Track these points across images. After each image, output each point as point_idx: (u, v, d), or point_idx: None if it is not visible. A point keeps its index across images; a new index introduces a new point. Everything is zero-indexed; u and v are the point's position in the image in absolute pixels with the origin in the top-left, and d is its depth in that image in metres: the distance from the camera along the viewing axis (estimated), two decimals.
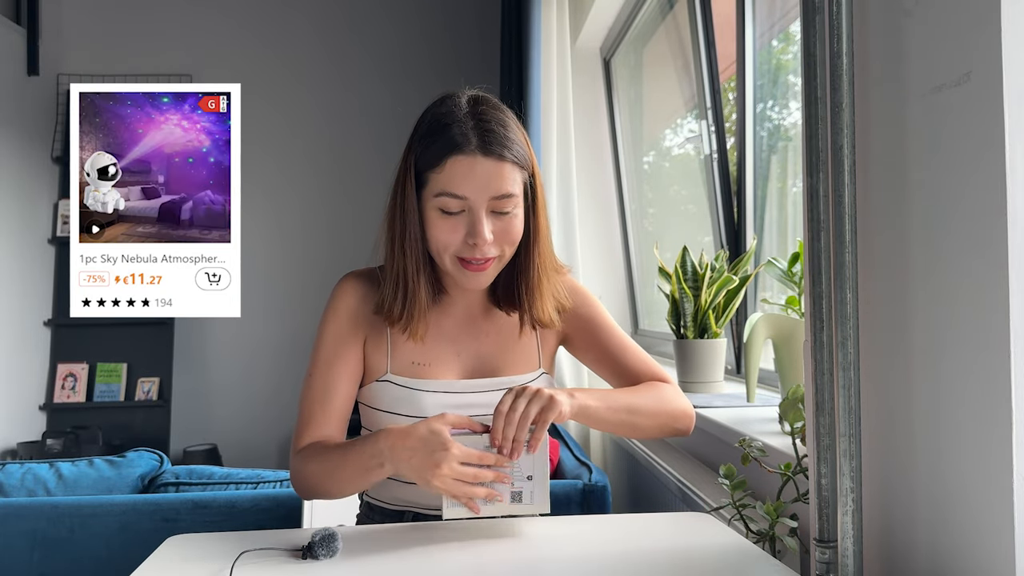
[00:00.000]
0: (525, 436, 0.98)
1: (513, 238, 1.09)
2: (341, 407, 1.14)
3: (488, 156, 1.04)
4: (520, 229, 1.10)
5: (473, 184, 1.04)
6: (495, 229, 1.06)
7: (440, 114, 1.08)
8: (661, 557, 0.94)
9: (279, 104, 4.18)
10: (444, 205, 1.06)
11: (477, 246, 1.06)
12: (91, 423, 3.92)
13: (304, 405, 1.13)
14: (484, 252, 1.07)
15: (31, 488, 1.70)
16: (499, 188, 1.05)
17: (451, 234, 1.07)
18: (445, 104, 1.10)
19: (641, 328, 3.00)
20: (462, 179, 1.04)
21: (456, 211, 1.06)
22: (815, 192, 0.83)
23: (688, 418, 1.17)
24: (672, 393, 1.17)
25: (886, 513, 0.83)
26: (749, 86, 1.97)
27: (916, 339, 0.78)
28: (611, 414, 1.09)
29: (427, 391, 1.13)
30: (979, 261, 0.69)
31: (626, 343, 1.23)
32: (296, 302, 4.14)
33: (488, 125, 1.06)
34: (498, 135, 1.06)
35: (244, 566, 0.89)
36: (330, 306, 1.17)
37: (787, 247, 1.84)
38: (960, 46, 0.71)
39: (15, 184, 3.89)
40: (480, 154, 1.04)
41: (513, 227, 1.09)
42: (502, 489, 0.98)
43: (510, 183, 1.06)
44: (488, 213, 1.06)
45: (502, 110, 1.11)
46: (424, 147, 1.08)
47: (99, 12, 4.22)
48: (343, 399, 1.14)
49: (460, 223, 1.06)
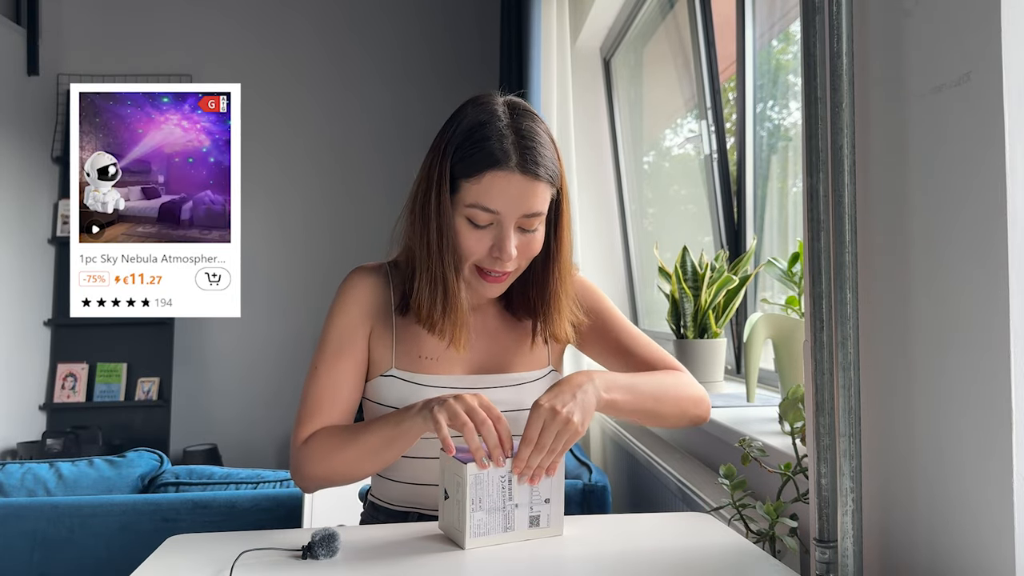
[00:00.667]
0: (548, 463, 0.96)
1: (532, 252, 1.10)
2: (348, 400, 1.13)
3: (525, 175, 1.04)
4: (540, 244, 1.11)
5: (507, 201, 1.05)
6: (518, 244, 1.07)
7: (479, 123, 1.07)
8: (661, 557, 0.94)
9: (279, 104, 4.18)
10: (474, 217, 1.06)
11: (501, 260, 1.07)
12: (91, 423, 3.92)
13: (309, 397, 1.12)
14: (506, 267, 1.08)
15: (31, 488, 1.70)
16: (531, 207, 1.06)
17: (477, 244, 1.07)
18: (483, 110, 1.08)
19: (641, 328, 3.00)
20: (498, 195, 1.04)
21: (485, 224, 1.06)
22: (815, 192, 0.83)
23: (706, 404, 1.17)
24: (689, 380, 1.17)
25: (886, 513, 0.83)
26: (749, 86, 1.97)
27: (916, 339, 0.78)
28: (638, 404, 1.08)
29: (433, 387, 1.13)
30: (979, 261, 0.69)
31: (636, 334, 1.23)
32: (296, 302, 4.14)
33: (528, 143, 1.05)
34: (537, 153, 1.05)
35: (244, 566, 0.89)
36: (338, 299, 1.17)
37: (787, 247, 1.84)
38: (960, 46, 0.71)
39: (15, 184, 3.89)
40: (519, 172, 1.04)
41: (535, 242, 1.10)
42: (520, 515, 0.97)
43: (541, 202, 1.07)
44: (515, 229, 1.07)
45: (538, 122, 1.10)
46: (462, 155, 1.06)
47: (99, 12, 4.22)
48: (350, 392, 1.14)
49: (487, 235, 1.07)
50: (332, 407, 1.12)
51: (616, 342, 1.22)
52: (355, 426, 1.09)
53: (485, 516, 0.95)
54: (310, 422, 1.10)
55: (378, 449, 1.04)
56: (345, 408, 1.13)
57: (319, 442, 1.08)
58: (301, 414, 1.12)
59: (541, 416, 0.96)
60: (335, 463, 1.06)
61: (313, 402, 1.12)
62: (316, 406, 1.11)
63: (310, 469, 1.08)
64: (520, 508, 0.97)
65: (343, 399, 1.13)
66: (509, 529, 0.96)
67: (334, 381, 1.12)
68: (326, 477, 1.08)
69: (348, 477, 1.10)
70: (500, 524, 0.96)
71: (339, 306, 1.16)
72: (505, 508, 0.96)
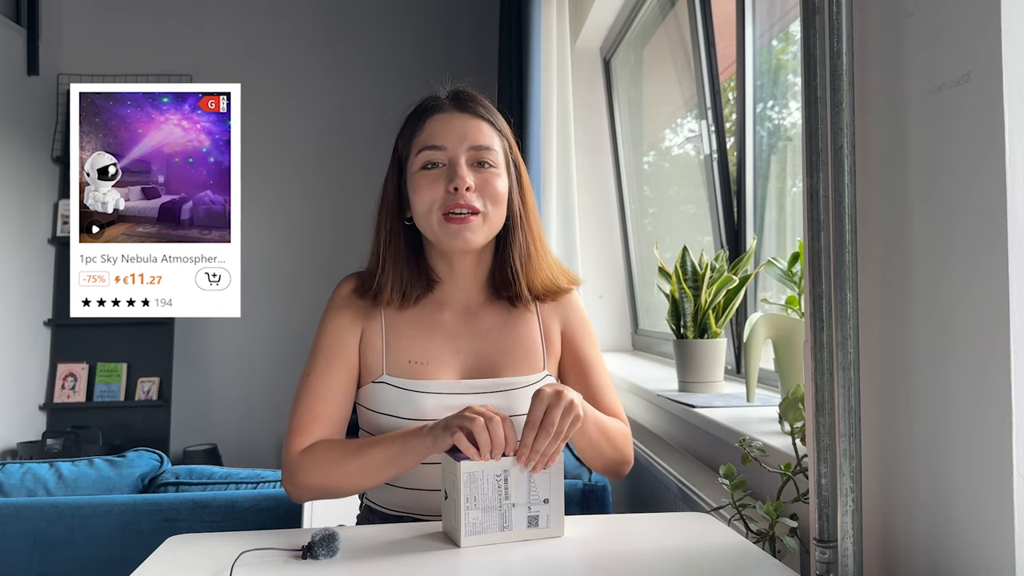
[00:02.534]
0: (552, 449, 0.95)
1: (495, 194, 1.12)
2: (342, 407, 1.13)
3: (464, 112, 1.14)
4: (504, 190, 1.14)
5: (451, 135, 1.12)
6: (476, 181, 1.11)
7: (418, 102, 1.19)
8: (661, 557, 0.94)
9: (279, 104, 4.18)
10: (425, 158, 1.12)
11: (458, 190, 1.09)
12: (91, 423, 3.92)
13: (303, 405, 1.12)
14: (467, 199, 1.10)
15: (31, 488, 1.70)
16: (476, 139, 1.12)
17: (432, 188, 1.11)
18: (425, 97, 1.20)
19: (641, 328, 3.00)
20: (440, 132, 1.12)
21: (438, 163, 1.11)
22: (815, 192, 0.83)
23: (629, 465, 1.20)
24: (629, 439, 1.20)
25: (886, 513, 0.83)
26: (749, 86, 1.97)
27: (916, 339, 0.78)
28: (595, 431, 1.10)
29: (426, 392, 1.11)
30: (979, 261, 0.69)
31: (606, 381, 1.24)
32: (296, 302, 4.14)
33: (462, 93, 1.17)
34: (473, 98, 1.16)
35: (244, 566, 0.89)
36: (329, 306, 1.18)
37: (787, 247, 1.84)
38: (960, 46, 0.71)
39: (15, 184, 3.89)
40: (456, 110, 1.14)
41: (496, 183, 1.12)
42: (518, 515, 0.97)
43: (487, 137, 1.13)
44: (469, 165, 1.11)
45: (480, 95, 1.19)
46: (404, 129, 1.17)
47: (99, 12, 4.22)
48: (344, 398, 1.14)
49: (441, 176, 1.11)
50: (327, 415, 1.11)
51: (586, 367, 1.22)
52: (357, 441, 1.09)
53: (481, 515, 0.95)
54: (307, 431, 1.10)
55: (381, 466, 1.04)
56: (339, 416, 1.13)
57: (319, 454, 1.07)
58: (295, 423, 1.11)
59: (544, 399, 0.96)
60: (334, 476, 1.06)
61: (307, 410, 1.11)
62: (310, 414, 1.11)
63: (306, 480, 1.07)
64: (518, 508, 0.97)
65: (337, 406, 1.13)
66: (507, 528, 0.96)
67: (328, 388, 1.12)
68: (321, 488, 1.08)
69: (344, 491, 1.10)
70: (497, 523, 0.96)
71: (329, 314, 1.17)
72: (502, 507, 0.96)
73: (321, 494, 1.09)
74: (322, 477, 1.06)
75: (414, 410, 1.11)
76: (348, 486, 1.08)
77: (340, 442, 1.09)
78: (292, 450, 1.09)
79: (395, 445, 1.03)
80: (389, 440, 1.04)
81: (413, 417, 1.10)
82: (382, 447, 1.04)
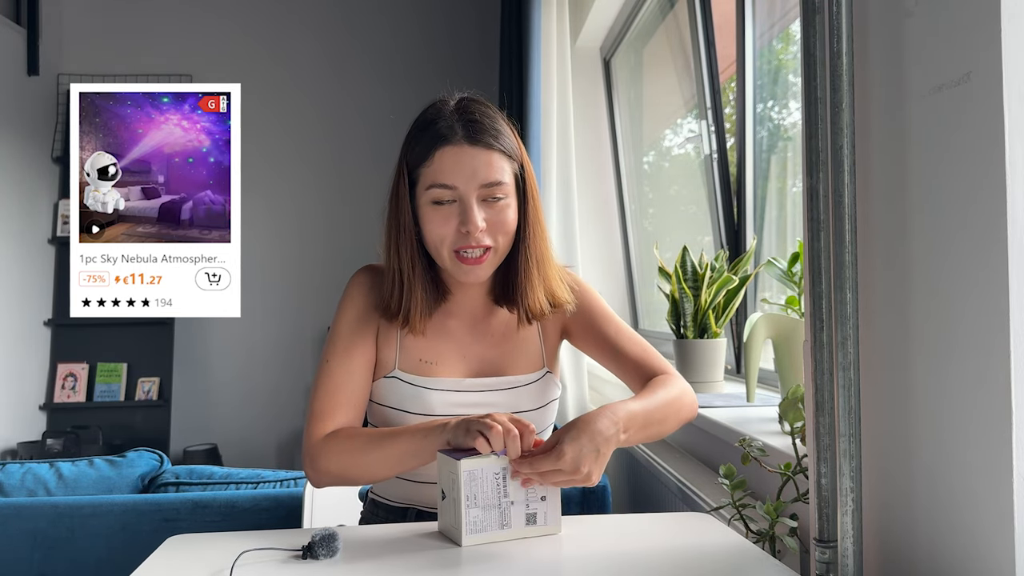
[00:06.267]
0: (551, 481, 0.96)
1: (506, 228, 1.11)
2: (361, 395, 1.14)
3: (475, 145, 1.08)
4: (513, 220, 1.12)
5: (462, 173, 1.07)
6: (487, 218, 1.09)
7: (428, 114, 1.13)
8: (661, 557, 0.94)
9: (279, 104, 4.18)
10: (435, 196, 1.08)
11: (470, 233, 1.07)
12: (91, 423, 3.92)
13: (324, 391, 1.12)
14: (477, 239, 1.08)
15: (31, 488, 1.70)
16: (487, 176, 1.08)
17: (444, 225, 1.09)
18: (434, 106, 1.14)
19: (641, 328, 3.00)
20: (451, 169, 1.07)
21: (447, 200, 1.08)
22: (815, 192, 0.83)
23: (694, 406, 1.17)
24: (682, 388, 1.16)
25: (886, 513, 0.83)
26: (749, 86, 1.97)
27: (916, 339, 0.78)
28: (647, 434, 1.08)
29: (434, 389, 1.14)
30: (979, 260, 0.69)
31: (626, 335, 1.22)
32: (296, 302, 4.14)
33: (473, 117, 1.10)
34: (484, 126, 1.09)
35: (244, 566, 0.89)
36: (346, 296, 1.19)
37: (787, 247, 1.84)
38: (960, 46, 0.71)
39: (15, 184, 3.89)
40: (467, 144, 1.08)
41: (506, 217, 1.10)
42: (517, 513, 0.97)
43: (498, 171, 1.09)
44: (479, 202, 1.08)
45: (489, 106, 1.14)
46: (413, 146, 1.11)
47: (99, 12, 4.22)
48: (362, 386, 1.15)
49: (452, 213, 1.08)
50: (347, 401, 1.12)
51: (605, 341, 1.22)
52: (379, 431, 1.09)
53: (481, 513, 0.95)
54: (329, 417, 1.11)
55: (401, 458, 1.05)
56: (359, 402, 1.14)
57: (341, 441, 1.08)
58: (317, 408, 1.12)
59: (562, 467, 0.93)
60: (354, 464, 1.07)
61: (329, 396, 1.12)
62: (332, 401, 1.12)
63: (327, 465, 1.08)
64: (516, 505, 0.97)
65: (357, 393, 1.14)
66: (506, 526, 0.96)
67: (348, 374, 1.13)
68: (340, 474, 1.08)
69: (362, 479, 1.11)
70: (496, 521, 0.96)
71: (346, 303, 1.18)
72: (501, 505, 0.96)
73: (340, 480, 1.10)
74: (343, 464, 1.07)
75: (422, 405, 1.13)
76: (366, 476, 1.09)
77: (361, 431, 1.10)
78: (314, 436, 1.10)
79: (416, 439, 1.03)
80: (409, 434, 1.04)
81: (421, 412, 1.12)
82: (403, 441, 1.04)
